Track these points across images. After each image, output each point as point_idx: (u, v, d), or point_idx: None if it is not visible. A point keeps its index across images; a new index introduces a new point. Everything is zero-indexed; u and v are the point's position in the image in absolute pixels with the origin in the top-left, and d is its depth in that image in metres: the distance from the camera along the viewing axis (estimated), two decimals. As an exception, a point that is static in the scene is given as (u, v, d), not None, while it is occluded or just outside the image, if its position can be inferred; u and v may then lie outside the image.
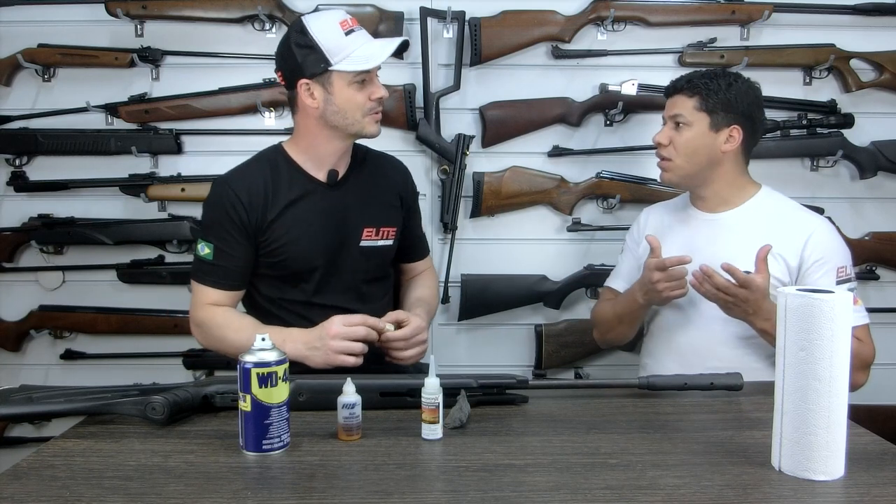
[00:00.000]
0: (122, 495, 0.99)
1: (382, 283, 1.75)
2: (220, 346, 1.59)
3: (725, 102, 1.65)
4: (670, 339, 1.72)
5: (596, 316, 1.88)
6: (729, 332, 1.63)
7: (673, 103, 1.70)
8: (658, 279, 1.57)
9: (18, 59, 2.12)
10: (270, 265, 1.62)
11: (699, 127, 1.66)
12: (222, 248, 1.58)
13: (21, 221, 2.20)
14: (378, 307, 1.64)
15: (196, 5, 2.10)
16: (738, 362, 1.58)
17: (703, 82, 1.66)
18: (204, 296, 1.60)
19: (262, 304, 1.66)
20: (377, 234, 1.69)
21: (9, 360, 2.25)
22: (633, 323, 1.77)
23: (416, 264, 1.84)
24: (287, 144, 1.66)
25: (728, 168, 1.70)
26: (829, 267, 1.62)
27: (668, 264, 1.56)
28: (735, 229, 1.69)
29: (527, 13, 2.14)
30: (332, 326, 1.46)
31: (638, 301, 1.67)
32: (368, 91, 1.57)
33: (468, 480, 1.03)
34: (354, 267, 1.66)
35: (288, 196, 1.60)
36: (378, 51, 1.56)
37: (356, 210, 1.66)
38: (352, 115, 1.57)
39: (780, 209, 1.72)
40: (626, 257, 1.87)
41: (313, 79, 1.55)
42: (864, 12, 2.15)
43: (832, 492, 1.00)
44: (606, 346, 1.98)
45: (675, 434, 1.21)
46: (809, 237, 1.63)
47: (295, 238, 1.60)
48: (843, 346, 1.01)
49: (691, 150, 1.67)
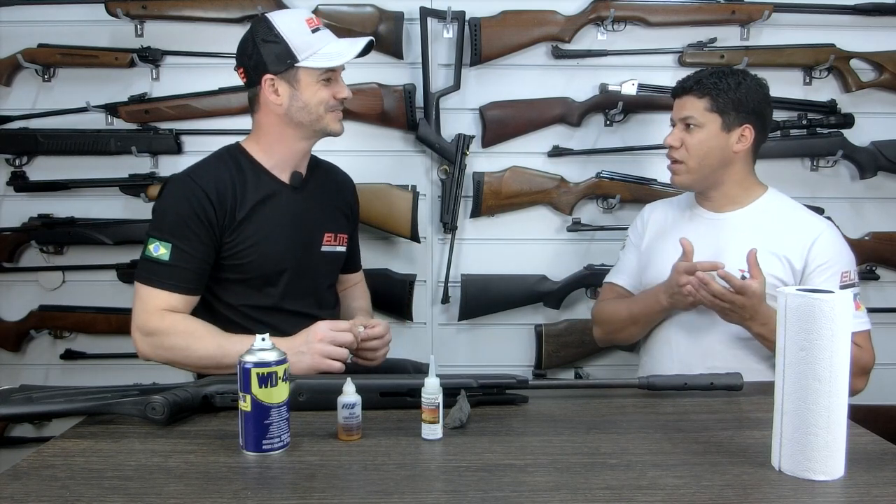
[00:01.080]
0: (122, 495, 0.99)
1: (334, 290, 1.76)
2: (178, 357, 1.48)
3: (736, 102, 1.64)
4: (670, 339, 1.71)
5: (602, 315, 1.83)
6: (729, 332, 1.62)
7: (682, 105, 1.68)
8: (685, 282, 1.54)
9: (18, 59, 2.12)
10: (235, 268, 1.56)
11: (711, 128, 1.65)
12: (182, 247, 1.48)
13: (21, 221, 2.19)
14: (334, 313, 1.64)
15: (196, 5, 2.10)
16: (737, 363, 1.58)
17: (713, 82, 1.64)
18: (157, 301, 1.47)
19: (223, 311, 1.58)
20: (335, 239, 1.69)
21: (9, 360, 2.25)
22: (649, 325, 1.74)
23: (351, 276, 1.87)
24: (247, 144, 1.63)
25: (738, 168, 1.69)
26: (833, 271, 1.62)
27: (699, 268, 1.52)
28: (741, 229, 1.68)
29: (527, 13, 2.14)
30: (320, 331, 1.45)
31: (661, 303, 1.64)
32: (333, 90, 1.57)
33: (468, 480, 1.03)
34: (316, 271, 1.66)
35: (255, 196, 1.56)
36: (345, 49, 1.56)
37: (317, 214, 1.66)
38: (316, 111, 1.56)
39: (787, 211, 1.71)
40: (628, 253, 1.86)
41: (279, 75, 1.53)
42: (864, 12, 2.15)
43: (832, 492, 1.00)
44: (607, 345, 1.96)
45: (675, 434, 1.21)
46: (815, 240, 1.63)
47: (263, 240, 1.56)
48: (843, 346, 1.01)
49: (704, 152, 1.65)
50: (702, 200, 1.76)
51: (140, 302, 1.50)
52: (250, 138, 1.64)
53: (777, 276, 1.61)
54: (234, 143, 1.64)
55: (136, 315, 1.50)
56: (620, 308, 1.77)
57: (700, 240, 1.68)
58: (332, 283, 1.74)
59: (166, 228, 1.50)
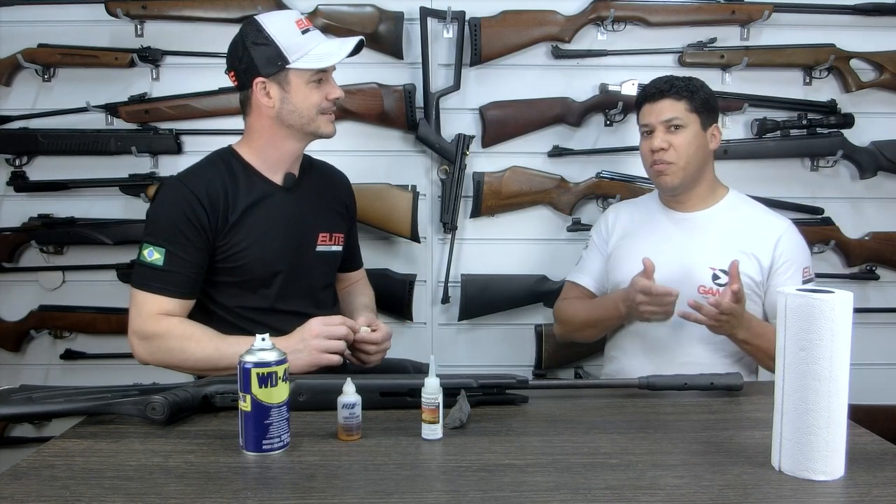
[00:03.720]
0: (122, 495, 0.99)
1: (331, 289, 1.76)
2: (176, 360, 1.48)
3: (705, 102, 1.69)
4: (643, 334, 1.71)
5: (562, 314, 1.85)
6: (699, 329, 1.61)
7: (661, 108, 1.68)
8: (641, 300, 1.55)
9: (18, 59, 2.12)
10: (229, 271, 1.56)
11: (693, 128, 1.68)
12: (176, 252, 1.49)
13: (21, 221, 2.19)
14: (331, 313, 1.63)
15: (196, 5, 2.10)
16: (707, 359, 1.63)
17: (684, 84, 1.69)
18: (153, 306, 1.48)
19: (219, 313, 1.58)
20: (330, 239, 1.69)
21: (9, 360, 2.25)
22: (607, 329, 1.78)
23: (352, 274, 1.87)
24: (239, 146, 1.62)
25: (709, 168, 1.74)
26: (796, 267, 1.67)
27: (654, 292, 1.53)
28: (710, 228, 1.71)
29: (527, 13, 2.14)
30: (314, 327, 1.45)
31: (620, 310, 1.65)
32: (325, 91, 1.56)
33: (468, 480, 1.03)
34: (311, 272, 1.65)
35: (247, 199, 1.56)
36: (336, 49, 1.55)
37: (311, 215, 1.65)
38: (307, 113, 1.55)
39: (750, 210, 1.75)
40: (592, 254, 1.86)
41: (270, 77, 1.53)
42: (864, 12, 2.15)
43: (832, 492, 1.00)
44: (567, 341, 1.97)
45: (675, 434, 1.21)
46: (780, 238, 1.68)
47: (256, 242, 1.56)
48: (843, 346, 1.01)
49: (692, 152, 1.67)
50: (670, 201, 1.77)
51: (136, 307, 1.50)
52: (242, 141, 1.64)
53: (748, 273, 1.64)
54: (227, 146, 1.64)
55: (133, 320, 1.50)
56: (580, 310, 1.80)
57: (671, 240, 1.70)
58: (329, 284, 1.74)
59: (160, 234, 1.50)
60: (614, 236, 1.83)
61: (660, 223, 1.76)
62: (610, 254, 1.81)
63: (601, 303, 1.76)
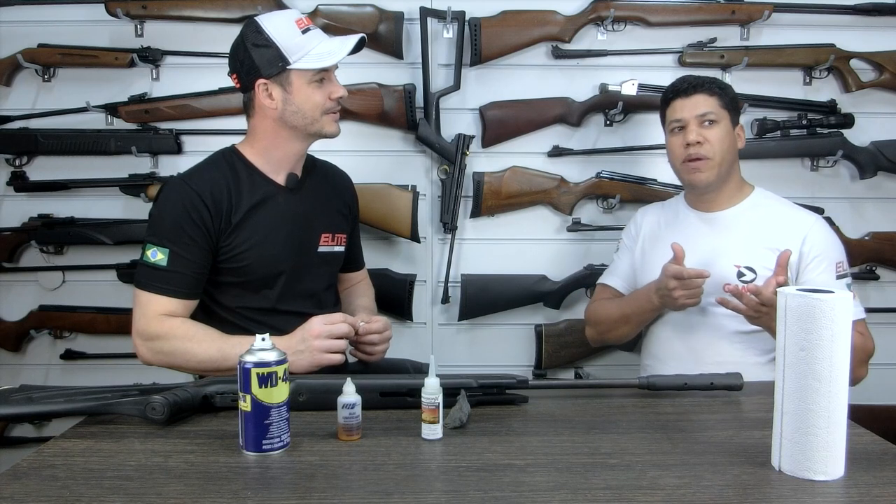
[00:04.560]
0: (122, 495, 0.99)
1: (333, 290, 1.76)
2: (179, 361, 1.48)
3: (733, 100, 1.71)
4: (672, 340, 1.72)
5: (594, 315, 1.85)
6: (730, 329, 1.63)
7: (694, 103, 1.68)
8: (674, 286, 1.56)
9: (18, 59, 2.12)
10: (232, 271, 1.56)
11: (725, 124, 1.68)
12: (179, 252, 1.49)
13: (21, 221, 2.19)
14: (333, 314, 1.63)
15: (196, 5, 2.10)
16: (738, 357, 1.61)
17: (711, 81, 1.70)
18: (156, 306, 1.48)
19: (221, 313, 1.58)
20: (333, 239, 1.69)
21: (9, 360, 2.25)
22: (640, 324, 1.76)
23: (354, 274, 1.87)
24: (242, 147, 1.62)
25: (737, 167, 1.74)
26: (827, 262, 1.64)
27: (685, 275, 1.54)
28: (736, 226, 1.70)
29: (527, 13, 2.14)
30: (314, 327, 1.45)
31: (653, 302, 1.65)
32: (328, 90, 1.56)
33: (468, 480, 1.03)
34: (314, 273, 1.65)
35: (250, 200, 1.56)
36: (337, 48, 1.55)
37: (314, 215, 1.65)
38: (311, 114, 1.55)
39: (777, 207, 1.73)
40: (622, 256, 1.87)
41: (271, 79, 1.53)
42: (864, 12, 2.15)
43: (832, 492, 1.00)
44: (600, 344, 1.97)
45: (675, 434, 1.21)
46: (808, 233, 1.65)
47: (260, 243, 1.56)
48: (843, 346, 1.01)
49: (726, 147, 1.68)
50: (696, 202, 1.76)
51: (139, 308, 1.50)
52: (245, 141, 1.63)
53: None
54: (230, 146, 1.64)
55: (136, 321, 1.50)
56: (612, 308, 1.79)
57: (698, 239, 1.69)
58: (331, 284, 1.74)
59: (163, 234, 1.50)
60: (641, 238, 1.83)
61: (686, 223, 1.75)
62: (638, 256, 1.81)
63: (633, 297, 1.75)
